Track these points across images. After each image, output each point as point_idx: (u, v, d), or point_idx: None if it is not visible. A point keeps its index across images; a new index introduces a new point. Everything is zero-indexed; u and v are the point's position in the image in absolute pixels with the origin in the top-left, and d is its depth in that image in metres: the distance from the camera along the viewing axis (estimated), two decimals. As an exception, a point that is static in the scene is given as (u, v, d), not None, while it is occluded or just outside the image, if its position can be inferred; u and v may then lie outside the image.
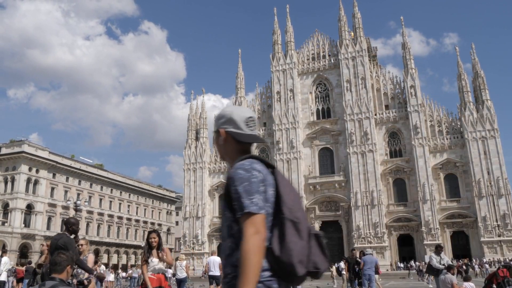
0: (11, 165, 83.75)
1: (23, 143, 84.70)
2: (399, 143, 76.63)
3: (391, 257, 70.72)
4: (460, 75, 75.21)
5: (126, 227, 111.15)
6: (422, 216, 69.98)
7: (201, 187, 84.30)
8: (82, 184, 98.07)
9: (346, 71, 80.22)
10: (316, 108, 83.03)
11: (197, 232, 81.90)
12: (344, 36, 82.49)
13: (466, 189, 70.85)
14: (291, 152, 79.45)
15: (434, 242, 67.89)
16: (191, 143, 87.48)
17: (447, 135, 73.99)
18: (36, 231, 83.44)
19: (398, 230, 72.98)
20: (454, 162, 72.25)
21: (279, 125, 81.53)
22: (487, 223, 67.06)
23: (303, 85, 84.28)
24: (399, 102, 78.14)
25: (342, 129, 78.62)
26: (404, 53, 78.95)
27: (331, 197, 76.72)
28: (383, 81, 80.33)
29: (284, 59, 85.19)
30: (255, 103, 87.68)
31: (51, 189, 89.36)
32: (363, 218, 72.45)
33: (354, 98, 78.17)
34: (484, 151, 70.23)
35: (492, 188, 68.24)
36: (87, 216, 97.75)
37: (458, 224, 70.20)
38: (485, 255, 64.60)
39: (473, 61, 76.08)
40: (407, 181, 74.19)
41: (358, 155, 75.48)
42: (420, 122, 73.68)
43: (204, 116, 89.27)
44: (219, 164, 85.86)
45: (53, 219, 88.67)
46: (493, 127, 70.84)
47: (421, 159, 72.35)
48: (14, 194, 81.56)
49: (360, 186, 74.10)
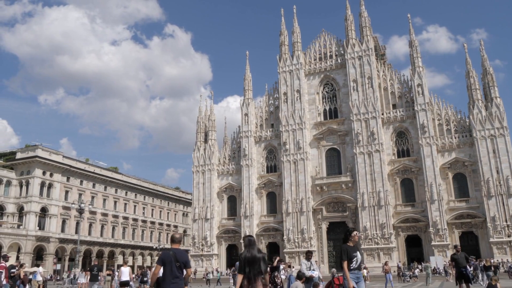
0: (25, 169, 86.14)
1: (37, 147, 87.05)
2: (406, 143, 75.62)
3: (399, 258, 69.77)
4: (468, 73, 73.73)
5: (142, 229, 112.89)
6: (430, 217, 68.89)
7: (210, 189, 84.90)
8: (96, 187, 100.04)
9: (353, 70, 79.61)
10: (323, 108, 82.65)
11: (206, 233, 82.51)
12: (351, 36, 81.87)
13: (475, 189, 69.41)
14: (298, 153, 79.29)
15: (442, 243, 67.10)
16: (200, 146, 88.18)
17: (455, 134, 72.64)
18: (50, 233, 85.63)
19: (405, 231, 71.99)
20: (463, 161, 70.87)
21: (286, 126, 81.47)
22: (496, 223, 65.57)
23: (310, 85, 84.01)
24: (407, 101, 77.10)
25: (349, 129, 78.07)
26: (412, 51, 77.81)
27: (338, 198, 76.23)
28: (390, 80, 79.37)
29: (291, 60, 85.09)
30: (263, 104, 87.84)
31: (65, 192, 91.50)
32: (370, 219, 71.78)
33: (360, 98, 77.52)
34: (493, 150, 68.67)
35: (502, 188, 66.67)
36: (102, 219, 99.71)
37: (467, 224, 68.79)
38: (494, 256, 63.11)
39: (482, 58, 74.48)
40: (415, 181, 73.14)
41: (365, 155, 74.83)
42: (427, 121, 72.54)
43: (212, 119, 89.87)
44: (227, 166, 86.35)
45: (67, 222, 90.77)
46: (502, 125, 69.22)
47: (429, 158, 71.23)
48: (28, 197, 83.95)
49: (367, 187, 73.43)
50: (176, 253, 9.64)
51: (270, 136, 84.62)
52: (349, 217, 75.02)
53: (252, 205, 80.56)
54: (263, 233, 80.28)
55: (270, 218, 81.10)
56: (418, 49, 77.70)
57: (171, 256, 9.58)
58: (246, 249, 9.35)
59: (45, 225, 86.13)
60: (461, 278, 19.00)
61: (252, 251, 9.23)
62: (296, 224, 76.34)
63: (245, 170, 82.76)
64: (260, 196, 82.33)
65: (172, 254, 9.61)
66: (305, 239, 75.08)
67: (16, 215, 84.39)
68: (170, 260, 9.54)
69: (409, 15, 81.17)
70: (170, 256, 9.57)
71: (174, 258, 9.56)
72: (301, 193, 77.33)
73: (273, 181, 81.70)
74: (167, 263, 9.54)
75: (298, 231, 75.95)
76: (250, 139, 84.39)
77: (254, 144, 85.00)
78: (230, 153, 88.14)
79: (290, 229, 76.21)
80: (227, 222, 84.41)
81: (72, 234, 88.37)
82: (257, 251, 9.32)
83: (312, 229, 75.80)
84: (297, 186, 77.93)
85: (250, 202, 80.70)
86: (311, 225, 75.92)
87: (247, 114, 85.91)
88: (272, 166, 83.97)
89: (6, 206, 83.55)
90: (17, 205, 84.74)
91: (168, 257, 9.57)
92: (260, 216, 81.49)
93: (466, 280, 18.89)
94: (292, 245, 75.37)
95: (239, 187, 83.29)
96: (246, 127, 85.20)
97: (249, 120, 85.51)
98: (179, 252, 9.74)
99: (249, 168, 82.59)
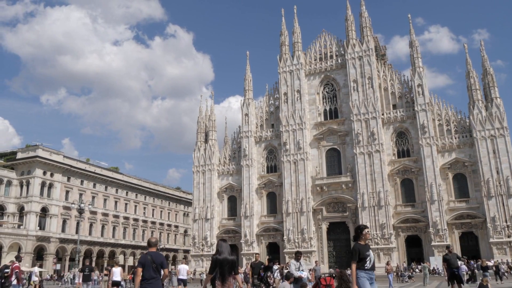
0: (26, 169, 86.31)
1: (38, 147, 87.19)
2: (406, 143, 75.58)
3: (399, 258, 69.72)
4: (468, 73, 73.67)
5: (142, 229, 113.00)
6: (430, 217, 68.85)
7: (210, 189, 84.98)
8: (97, 187, 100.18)
9: (353, 70, 79.61)
10: (323, 108, 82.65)
11: (206, 234, 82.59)
12: (351, 36, 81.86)
13: (475, 189, 69.34)
14: (298, 153, 79.30)
15: (442, 243, 66.96)
16: (200, 146, 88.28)
17: (455, 134, 72.58)
18: (50, 233, 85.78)
19: (405, 231, 71.95)
20: (463, 161, 70.80)
21: (286, 126, 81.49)
22: (496, 224, 65.46)
23: (310, 85, 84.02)
24: (407, 101, 77.05)
25: (349, 129, 78.05)
26: (412, 51, 77.74)
27: (338, 198, 76.22)
28: (390, 80, 79.33)
29: (291, 60, 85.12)
30: (263, 104, 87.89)
31: (65, 192, 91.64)
32: (370, 219, 71.72)
33: (361, 98, 77.51)
34: (493, 150, 68.60)
35: (502, 188, 66.58)
36: (102, 219, 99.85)
37: (467, 224, 68.71)
38: (494, 256, 63.06)
39: (482, 58, 74.39)
40: (415, 181, 73.09)
41: (365, 156, 74.81)
42: (427, 122, 72.48)
43: (213, 119, 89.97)
44: (228, 166, 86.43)
45: (68, 222, 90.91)
46: (502, 125, 69.12)
47: (429, 159, 71.19)
48: (29, 197, 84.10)
49: (367, 187, 73.42)
50: (153, 256, 10.62)
51: (271, 136, 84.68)
52: (349, 218, 75.03)
53: (252, 205, 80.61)
54: (263, 233, 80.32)
55: (270, 218, 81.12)
56: (418, 49, 77.63)
57: (149, 259, 10.54)
58: (218, 252, 10.25)
59: (46, 225, 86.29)
60: (453, 279, 19.01)
61: (224, 254, 10.15)
62: (296, 224, 76.35)
63: (245, 170, 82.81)
64: (260, 196, 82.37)
65: (149, 257, 10.59)
66: (305, 239, 75.09)
67: (16, 215, 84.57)
68: (148, 262, 10.50)
69: (409, 15, 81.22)
70: (148, 259, 10.54)
71: (151, 261, 10.52)
72: (301, 193, 77.35)
73: (273, 181, 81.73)
74: (146, 265, 10.50)
75: (298, 231, 75.96)
76: (251, 139, 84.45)
77: (255, 144, 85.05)
78: (230, 153, 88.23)
79: (290, 229, 76.22)
80: (227, 222, 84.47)
81: (72, 234, 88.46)
82: (228, 254, 10.21)
83: (312, 229, 75.80)
84: (297, 186, 77.94)
85: (250, 202, 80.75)
86: (311, 225, 75.92)
87: (247, 114, 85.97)
88: (272, 166, 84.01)
89: (6, 206, 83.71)
90: (17, 205, 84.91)
91: (146, 260, 10.54)
92: (260, 216, 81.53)
93: (458, 281, 18.90)
94: (292, 245, 75.32)
95: (239, 187, 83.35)
96: (247, 127, 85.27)
97: (249, 120, 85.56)
98: (155, 254, 10.72)
99: (249, 168, 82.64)
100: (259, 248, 79.33)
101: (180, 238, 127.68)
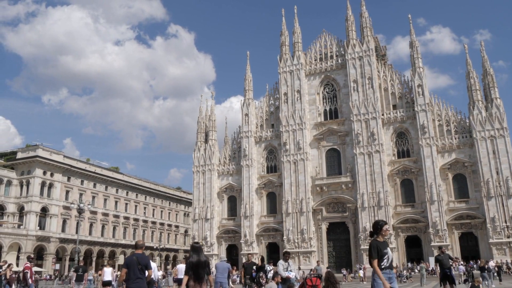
0: (26, 169, 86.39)
1: (38, 147, 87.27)
2: (406, 143, 75.52)
3: (399, 259, 69.65)
4: (468, 73, 73.57)
5: (143, 229, 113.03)
6: (430, 217, 68.79)
7: (210, 189, 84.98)
8: (97, 187, 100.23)
9: (353, 71, 79.56)
10: (323, 109, 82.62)
11: (206, 234, 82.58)
12: (352, 36, 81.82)
13: (475, 190, 69.27)
14: (298, 154, 79.27)
15: (442, 243, 66.76)
16: (200, 146, 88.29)
17: (455, 135, 72.50)
18: (50, 233, 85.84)
19: (405, 232, 71.90)
20: (463, 162, 70.71)
21: (286, 126, 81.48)
22: (495, 224, 65.37)
23: (310, 86, 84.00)
24: (407, 101, 76.99)
25: (349, 129, 78.01)
26: (412, 52, 77.69)
27: (338, 198, 76.19)
28: (390, 80, 79.26)
29: (292, 60, 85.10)
30: (263, 104, 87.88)
31: (66, 192, 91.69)
32: (370, 219, 71.53)
33: (361, 98, 77.46)
34: (493, 151, 68.52)
35: (501, 188, 66.49)
36: (102, 219, 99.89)
37: (467, 225, 68.64)
38: (493, 256, 62.94)
39: (482, 59, 74.27)
40: (415, 181, 73.04)
41: (365, 156, 74.77)
42: (427, 122, 72.42)
43: (213, 119, 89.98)
44: (228, 166, 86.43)
45: (68, 222, 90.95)
46: (502, 126, 69.04)
47: (429, 159, 71.12)
48: (29, 197, 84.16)
49: (367, 187, 73.36)
50: (138, 257, 11.13)
51: (271, 136, 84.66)
52: (349, 218, 75.00)
53: (252, 205, 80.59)
54: (263, 233, 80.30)
55: (270, 218, 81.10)
56: (418, 49, 77.57)
57: (134, 260, 11.01)
58: (192, 254, 10.68)
59: (46, 225, 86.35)
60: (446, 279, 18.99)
61: (197, 256, 10.62)
62: (296, 225, 76.32)
63: (245, 170, 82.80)
64: (260, 196, 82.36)
65: (135, 258, 11.07)
66: (305, 239, 75.05)
67: (16, 215, 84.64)
68: (134, 263, 10.96)
69: (409, 16, 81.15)
70: (133, 260, 11.01)
71: (136, 262, 10.99)
72: (301, 193, 77.32)
73: (273, 181, 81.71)
74: (131, 266, 10.96)
75: (298, 232, 75.92)
76: (251, 139, 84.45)
77: (255, 144, 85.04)
78: (230, 153, 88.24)
79: (290, 229, 76.19)
80: (227, 222, 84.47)
81: (72, 234, 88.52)
82: (202, 256, 10.74)
83: (312, 229, 75.77)
84: (297, 187, 77.92)
85: (250, 202, 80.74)
86: (311, 226, 75.88)
87: (247, 114, 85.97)
88: (272, 166, 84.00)
89: (6, 206, 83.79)
90: (17, 205, 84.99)
91: (132, 261, 11.02)
92: (260, 216, 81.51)
93: (451, 282, 18.86)
94: (292, 246, 75.27)
95: (239, 187, 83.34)
96: (247, 127, 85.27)
97: (249, 120, 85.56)
98: (141, 256, 11.22)
99: (249, 168, 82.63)
100: (259, 248, 79.38)
101: (180, 238, 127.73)
